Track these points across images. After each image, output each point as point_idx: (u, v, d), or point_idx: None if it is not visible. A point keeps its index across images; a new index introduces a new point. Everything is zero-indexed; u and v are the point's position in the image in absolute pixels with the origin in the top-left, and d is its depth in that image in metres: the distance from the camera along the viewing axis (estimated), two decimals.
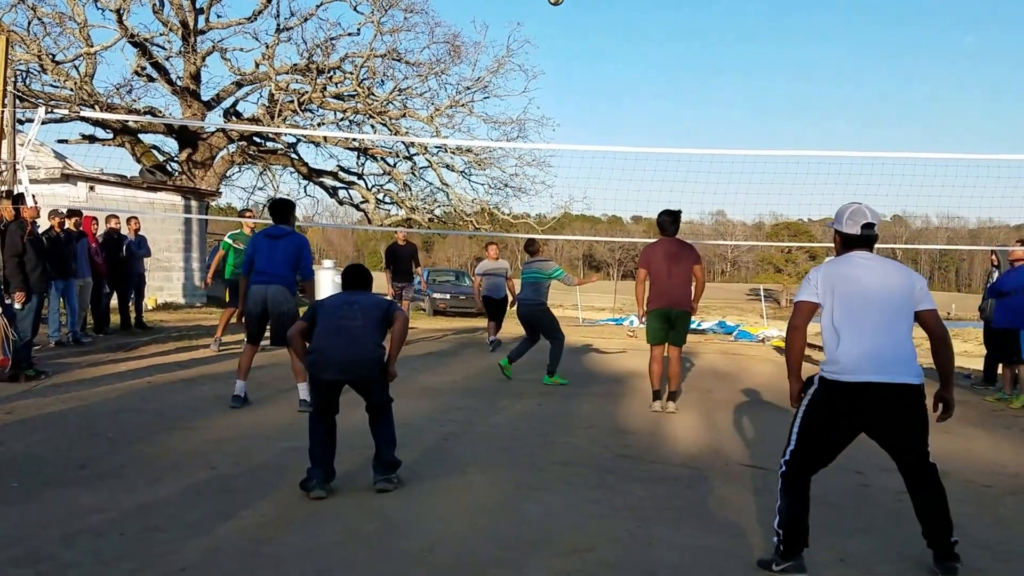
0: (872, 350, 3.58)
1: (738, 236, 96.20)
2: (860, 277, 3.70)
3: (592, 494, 4.86)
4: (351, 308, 4.90)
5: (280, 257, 6.99)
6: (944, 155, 9.83)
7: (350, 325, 4.80)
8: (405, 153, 26.00)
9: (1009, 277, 9.03)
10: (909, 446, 3.69)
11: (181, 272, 19.02)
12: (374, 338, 4.84)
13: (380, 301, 5.07)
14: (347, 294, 5.10)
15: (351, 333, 4.78)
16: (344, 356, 4.72)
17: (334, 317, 4.86)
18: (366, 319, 4.85)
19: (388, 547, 3.84)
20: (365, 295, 5.11)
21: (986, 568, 3.83)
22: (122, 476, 4.84)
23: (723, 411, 7.85)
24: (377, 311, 4.92)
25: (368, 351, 4.79)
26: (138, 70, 22.31)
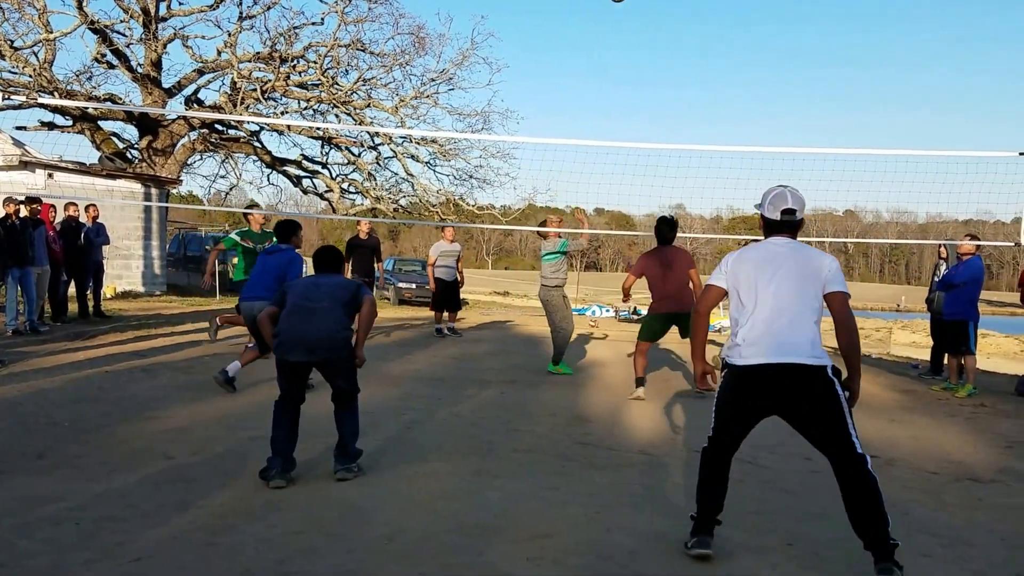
0: (767, 334, 3.57)
1: (697, 229, 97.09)
2: (767, 262, 3.69)
3: (552, 481, 4.92)
4: (318, 290, 4.91)
5: (270, 274, 7.09)
6: (895, 151, 10.05)
7: (316, 307, 4.79)
8: (370, 143, 25.88)
9: (958, 270, 9.24)
10: (824, 433, 3.56)
11: (141, 260, 18.78)
12: (340, 319, 4.83)
13: (348, 283, 5.08)
14: (316, 276, 5.12)
15: (316, 314, 4.77)
16: (308, 335, 4.71)
17: (301, 298, 4.85)
18: (332, 301, 4.84)
19: (349, 535, 3.86)
20: (333, 277, 5.13)
21: (931, 553, 3.94)
22: (79, 466, 4.80)
23: (680, 399, 7.96)
24: (344, 293, 4.93)
25: (333, 331, 4.77)
26: (98, 57, 21.92)
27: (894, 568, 3.38)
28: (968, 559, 3.88)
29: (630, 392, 7.89)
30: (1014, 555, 3.97)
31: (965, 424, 7.29)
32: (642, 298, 30.48)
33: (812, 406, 3.55)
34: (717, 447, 3.78)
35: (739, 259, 3.80)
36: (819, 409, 3.54)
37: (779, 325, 3.57)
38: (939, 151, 10.00)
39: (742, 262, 3.77)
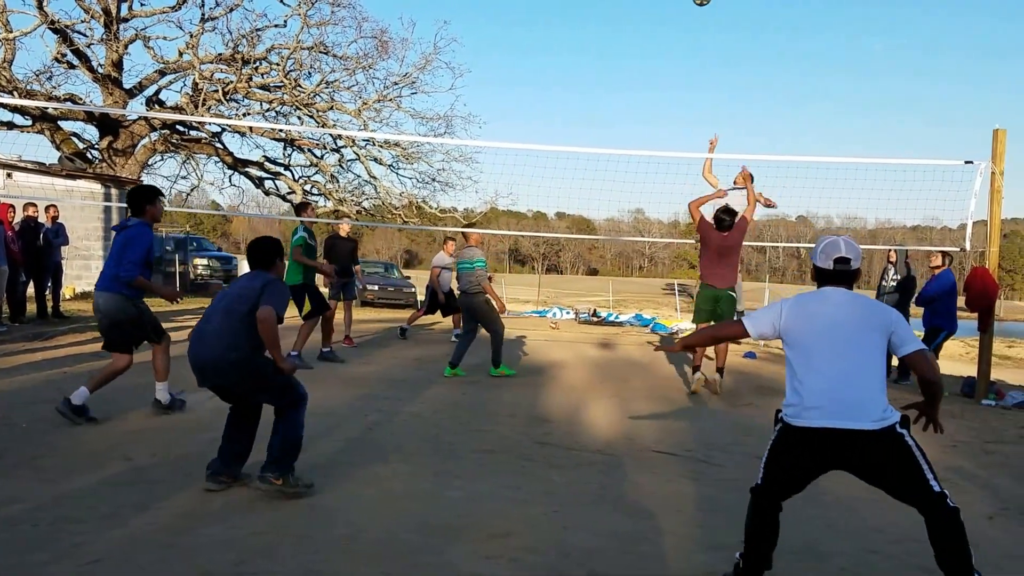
0: (828, 392, 3.31)
1: (655, 233, 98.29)
2: (822, 315, 3.43)
3: (512, 480, 4.99)
4: (220, 300, 4.49)
5: (112, 257, 6.06)
6: (846, 159, 10.29)
7: (205, 326, 4.43)
8: (332, 145, 25.76)
9: (931, 285, 9.60)
10: (901, 485, 3.37)
11: (100, 261, 18.49)
12: (230, 339, 4.32)
13: (250, 293, 4.39)
14: (238, 279, 4.66)
15: (205, 334, 4.40)
16: (199, 357, 4.38)
17: (208, 310, 4.53)
18: (226, 316, 4.38)
19: (310, 536, 3.88)
20: (249, 281, 4.53)
21: (880, 550, 4.08)
22: (36, 467, 4.76)
23: (638, 400, 8.08)
24: (241, 305, 4.37)
25: (218, 355, 4.32)
26: (58, 57, 21.57)
27: None
28: (914, 555, 4.00)
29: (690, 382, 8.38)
30: None
31: (912, 425, 7.47)
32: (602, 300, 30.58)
33: (884, 464, 3.34)
34: (770, 494, 3.47)
35: (795, 311, 3.48)
36: (892, 466, 3.34)
37: (840, 384, 3.31)
38: (889, 159, 10.27)
39: (798, 314, 3.47)
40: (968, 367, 9.86)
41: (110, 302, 6.02)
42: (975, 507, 4.89)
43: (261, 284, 4.42)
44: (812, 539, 4.18)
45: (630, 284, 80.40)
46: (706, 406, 7.80)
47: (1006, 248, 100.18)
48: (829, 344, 3.36)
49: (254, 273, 4.58)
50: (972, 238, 9.57)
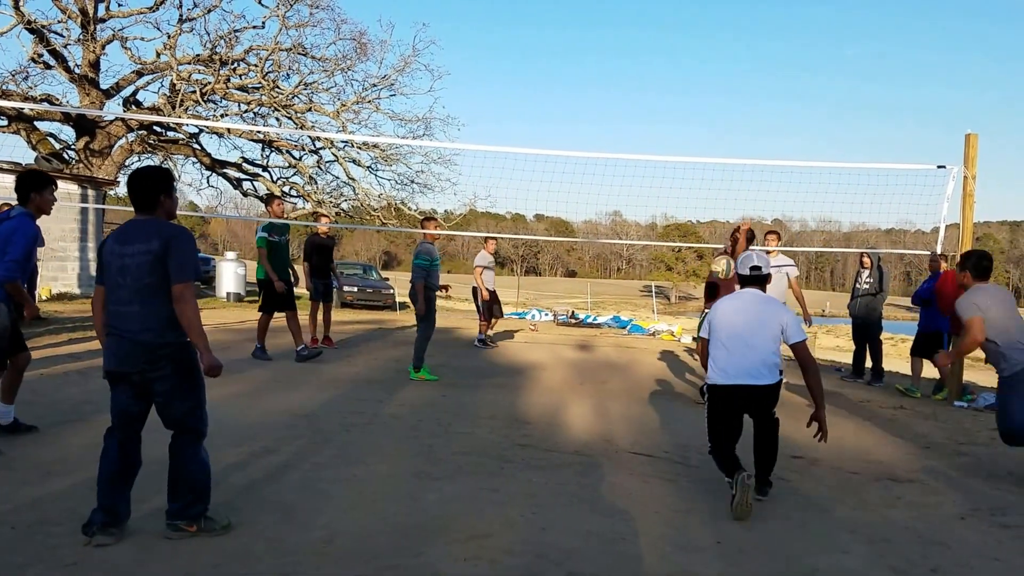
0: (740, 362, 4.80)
1: (633, 235, 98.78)
2: (737, 309, 4.92)
3: (490, 482, 5.01)
4: (121, 260, 3.76)
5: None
6: (822, 164, 10.44)
7: (120, 287, 3.76)
8: (311, 147, 25.67)
9: (928, 287, 9.79)
10: (763, 415, 4.94)
11: (77, 262, 18.35)
12: (149, 308, 3.71)
13: (151, 246, 3.70)
14: (123, 230, 3.86)
15: (119, 300, 3.77)
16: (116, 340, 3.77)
17: (111, 271, 3.79)
18: (134, 276, 3.72)
19: (286, 538, 3.88)
20: (143, 228, 3.78)
21: (851, 550, 4.13)
22: (13, 469, 4.73)
23: (615, 401, 8.13)
24: (146, 258, 3.69)
25: (137, 330, 3.72)
26: (35, 57, 21.36)
27: (767, 488, 4.96)
28: (887, 555, 4.08)
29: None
30: (930, 551, 4.18)
31: (885, 425, 7.59)
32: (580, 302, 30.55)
33: (761, 405, 4.89)
34: (717, 442, 4.87)
35: (715, 309, 5.03)
36: (765, 404, 4.90)
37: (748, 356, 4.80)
38: (863, 164, 10.44)
39: (717, 311, 5.00)
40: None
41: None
42: (947, 508, 4.98)
43: (163, 241, 3.71)
44: (784, 540, 4.23)
45: (608, 286, 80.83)
46: (682, 408, 7.85)
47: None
48: (736, 329, 4.83)
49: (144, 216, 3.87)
50: (944, 242, 9.70)
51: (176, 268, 3.67)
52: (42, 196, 5.50)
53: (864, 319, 10.56)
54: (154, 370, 3.71)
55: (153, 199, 3.83)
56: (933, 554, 4.14)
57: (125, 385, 3.77)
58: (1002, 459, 6.29)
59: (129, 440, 3.87)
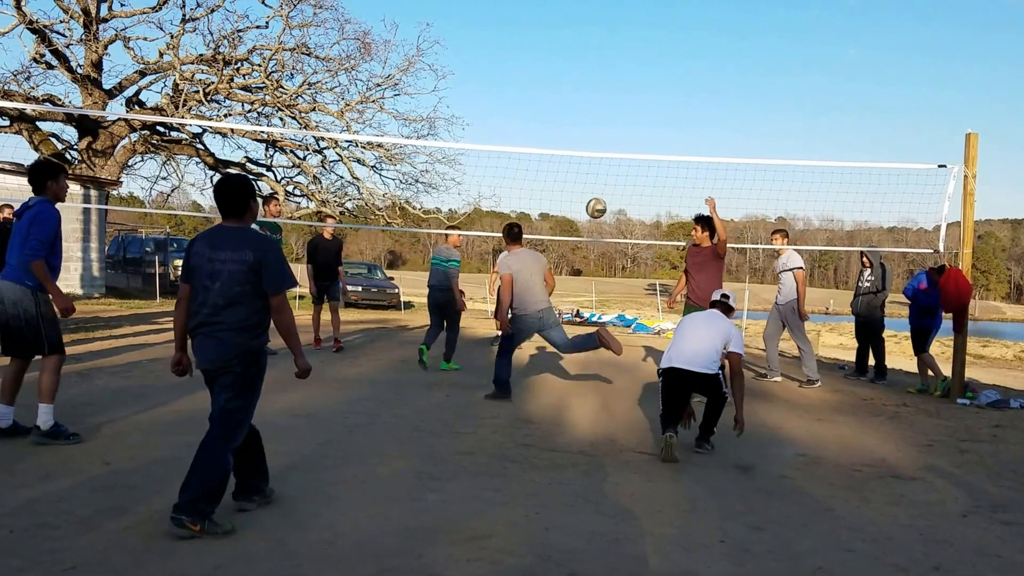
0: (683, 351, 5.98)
1: (637, 234, 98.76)
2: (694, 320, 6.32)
3: (493, 482, 4.99)
4: (212, 263, 3.99)
5: (16, 241, 5.37)
6: (824, 163, 10.42)
7: (208, 290, 3.98)
8: (315, 146, 25.68)
9: (913, 286, 9.85)
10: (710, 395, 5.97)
11: (79, 263, 18.39)
12: (235, 313, 3.97)
13: (244, 256, 3.97)
14: (214, 234, 4.09)
15: (206, 302, 3.99)
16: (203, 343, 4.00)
17: (200, 274, 4.02)
18: (225, 283, 3.96)
19: (287, 540, 3.86)
20: (235, 237, 4.03)
21: (854, 548, 4.11)
22: (12, 471, 4.71)
23: (619, 401, 8.12)
24: (239, 267, 3.94)
25: (224, 332, 3.97)
26: (37, 57, 21.39)
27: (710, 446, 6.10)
28: (889, 553, 4.06)
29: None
30: (933, 549, 4.16)
31: (888, 423, 7.57)
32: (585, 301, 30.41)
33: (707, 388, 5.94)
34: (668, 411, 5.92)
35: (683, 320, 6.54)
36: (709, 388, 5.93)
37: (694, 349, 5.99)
38: (865, 163, 10.42)
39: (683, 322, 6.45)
40: (943, 367, 9.98)
41: (15, 291, 5.33)
42: (950, 505, 4.96)
43: (255, 253, 3.98)
44: (788, 538, 4.21)
45: (613, 284, 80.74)
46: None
47: (980, 249, 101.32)
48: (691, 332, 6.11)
49: (231, 223, 4.12)
50: (946, 240, 9.70)
51: (272, 282, 3.98)
52: (57, 183, 5.55)
53: (866, 317, 10.56)
54: (227, 365, 3.96)
55: (242, 206, 4.09)
56: (936, 552, 4.13)
57: (210, 380, 4.08)
58: (1004, 456, 6.28)
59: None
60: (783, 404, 8.36)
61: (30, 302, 5.33)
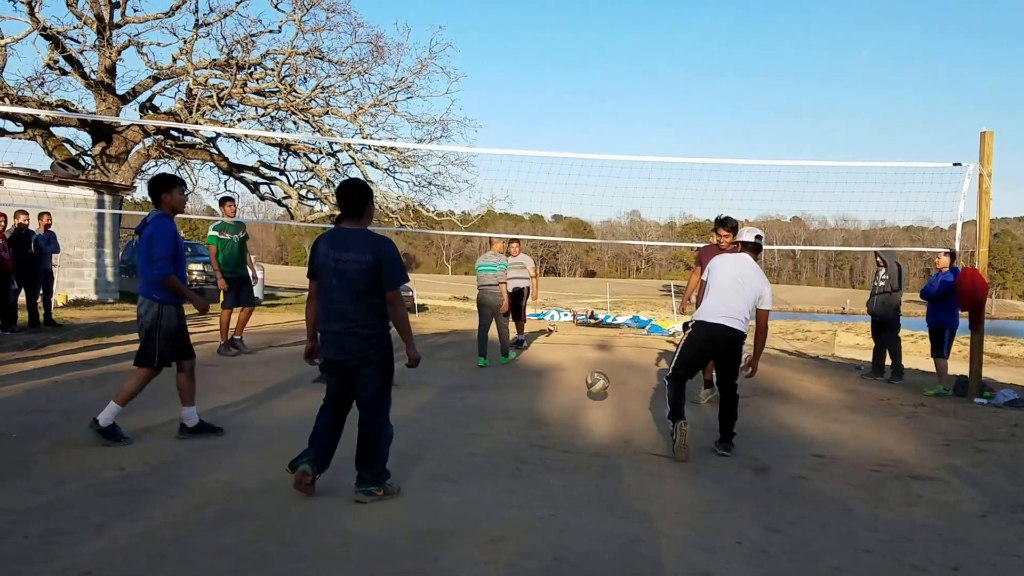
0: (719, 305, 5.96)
1: (652, 235, 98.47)
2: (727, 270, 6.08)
3: (508, 484, 4.98)
4: (337, 263, 4.43)
5: (141, 256, 5.71)
6: (840, 163, 10.43)
7: (334, 288, 4.42)
8: (329, 150, 25.77)
9: (940, 284, 9.76)
10: (729, 367, 6.02)
11: (93, 268, 18.47)
12: (360, 307, 4.41)
13: (365, 257, 4.41)
14: (336, 234, 4.55)
15: (333, 299, 4.43)
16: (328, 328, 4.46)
17: (326, 273, 4.47)
18: (349, 281, 4.40)
19: (302, 543, 3.86)
20: (357, 239, 4.47)
21: (872, 549, 4.08)
22: (27, 477, 4.72)
23: (635, 402, 8.08)
24: (361, 267, 4.39)
25: (353, 324, 4.42)
26: (51, 63, 21.55)
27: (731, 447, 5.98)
28: (907, 554, 4.03)
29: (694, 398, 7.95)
30: (951, 549, 4.12)
31: (906, 423, 7.51)
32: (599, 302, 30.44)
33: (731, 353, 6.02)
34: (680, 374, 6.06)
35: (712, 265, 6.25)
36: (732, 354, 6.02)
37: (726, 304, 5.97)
38: (881, 162, 10.38)
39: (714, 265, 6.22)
40: (960, 366, 9.90)
41: (143, 305, 5.68)
42: (968, 505, 4.91)
43: (375, 255, 4.41)
44: (805, 539, 4.18)
45: (627, 286, 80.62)
46: (702, 409, 7.79)
47: (996, 248, 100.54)
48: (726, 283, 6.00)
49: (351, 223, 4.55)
50: (962, 238, 9.63)
51: (389, 279, 4.41)
52: (171, 195, 5.76)
53: (882, 317, 10.49)
54: (366, 356, 4.42)
55: (361, 207, 4.53)
56: (954, 552, 4.09)
57: (339, 373, 4.51)
58: (1022, 456, 6.21)
59: (338, 414, 4.65)
60: (800, 404, 8.31)
61: (152, 315, 5.59)
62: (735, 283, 5.96)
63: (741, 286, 5.94)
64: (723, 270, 6.07)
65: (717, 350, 6.01)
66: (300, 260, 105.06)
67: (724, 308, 5.90)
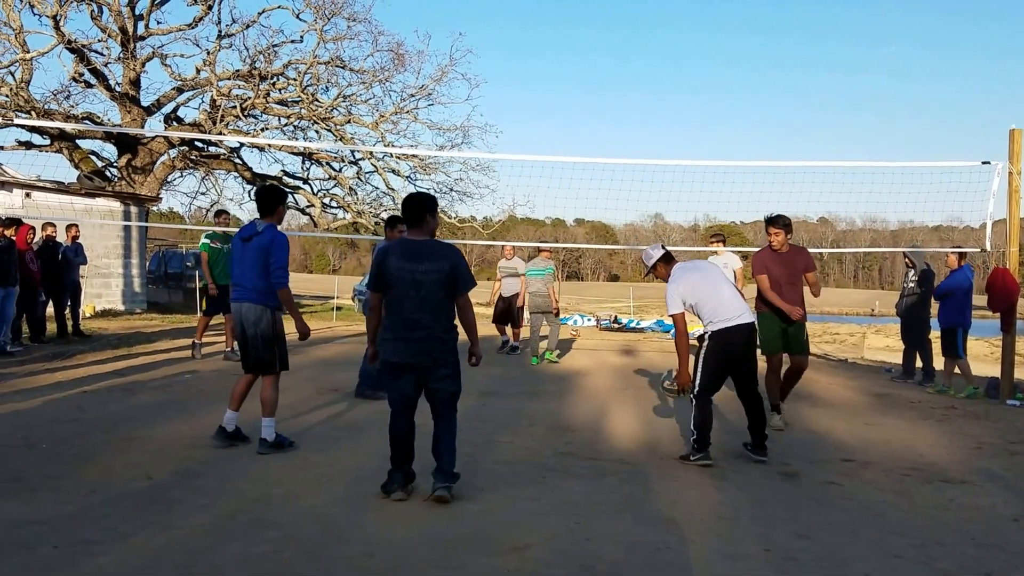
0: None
1: (675, 237, 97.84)
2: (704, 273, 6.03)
3: (532, 491, 4.95)
4: (413, 274, 4.63)
5: (249, 263, 5.71)
6: (867, 163, 10.37)
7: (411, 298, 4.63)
8: (351, 158, 25.93)
9: (945, 282, 9.63)
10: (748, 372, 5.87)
11: (120, 279, 18.70)
12: (437, 313, 4.67)
13: (442, 266, 4.65)
14: (406, 243, 4.80)
15: (410, 308, 4.63)
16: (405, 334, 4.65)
17: (401, 284, 4.65)
18: (428, 290, 4.63)
19: (327, 553, 3.86)
20: (430, 249, 4.73)
21: (903, 554, 4.01)
22: (56, 488, 4.77)
23: (660, 407, 8.03)
24: (438, 276, 4.65)
25: (432, 330, 4.65)
26: (76, 76, 21.89)
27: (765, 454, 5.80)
28: (939, 559, 3.96)
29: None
30: (984, 554, 4.05)
31: (937, 426, 7.40)
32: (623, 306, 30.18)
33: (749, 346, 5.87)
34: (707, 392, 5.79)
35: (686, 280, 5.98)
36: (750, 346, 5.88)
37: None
38: (909, 162, 10.27)
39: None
40: (992, 367, 9.75)
41: (256, 312, 5.68)
42: (1000, 509, 4.83)
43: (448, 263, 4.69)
44: (835, 545, 4.11)
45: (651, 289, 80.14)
46: (728, 414, 7.72)
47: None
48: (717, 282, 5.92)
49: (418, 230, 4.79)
50: (993, 237, 9.51)
51: (462, 285, 4.70)
52: (285, 207, 6.13)
53: (911, 319, 10.36)
54: (444, 358, 4.67)
55: (420, 218, 4.75)
56: (986, 557, 4.02)
57: (410, 375, 4.69)
58: None
59: (411, 420, 4.80)
60: (828, 408, 8.21)
61: (268, 322, 5.69)
62: (722, 280, 5.97)
63: (724, 281, 5.98)
64: (704, 276, 5.97)
65: (739, 355, 5.79)
66: (324, 268, 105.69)
67: (737, 307, 5.81)
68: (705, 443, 5.65)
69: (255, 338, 5.69)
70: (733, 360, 5.78)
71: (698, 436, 5.64)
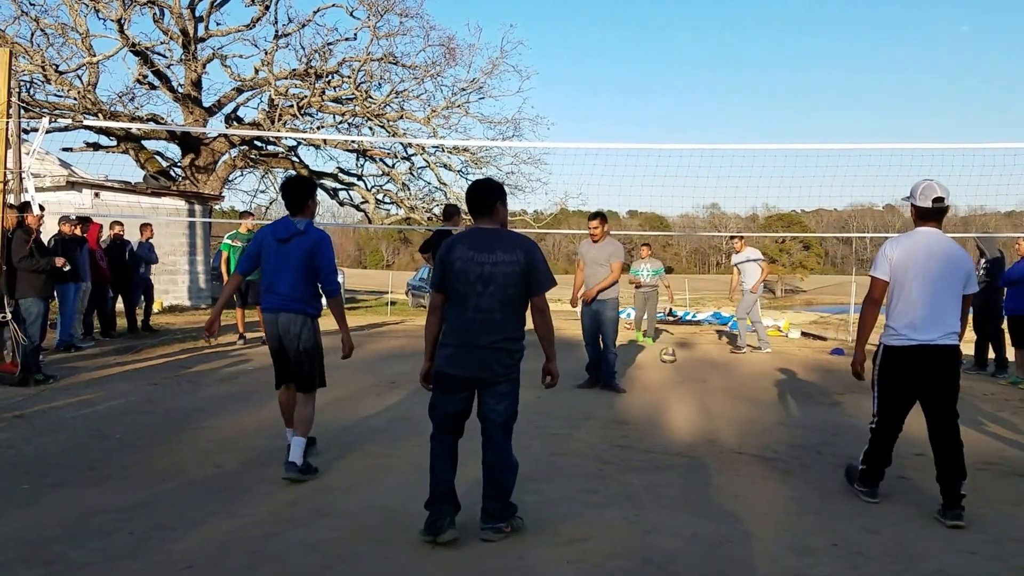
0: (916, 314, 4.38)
1: (732, 228, 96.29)
2: (927, 255, 4.40)
3: (589, 484, 4.94)
4: (482, 267, 3.89)
5: (290, 267, 4.92)
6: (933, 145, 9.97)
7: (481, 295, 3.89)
8: (403, 154, 26.17)
9: (1017, 268, 9.29)
10: (938, 394, 4.48)
11: (186, 275, 19.17)
12: (509, 315, 3.93)
13: (517, 257, 3.90)
14: (476, 235, 4.02)
15: (478, 307, 3.90)
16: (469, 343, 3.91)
17: (469, 279, 3.91)
18: (500, 285, 3.89)
19: (392, 540, 3.91)
20: (502, 239, 3.96)
21: (979, 551, 3.90)
22: (129, 477, 4.92)
23: (718, 400, 7.93)
24: (513, 268, 3.88)
25: (502, 336, 3.91)
26: (140, 78, 22.47)
27: (963, 514, 4.27)
28: (1014, 555, 3.84)
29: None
30: None
31: (1012, 419, 7.17)
32: (678, 299, 29.91)
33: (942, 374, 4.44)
34: (883, 425, 4.62)
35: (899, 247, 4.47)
36: (944, 377, 4.44)
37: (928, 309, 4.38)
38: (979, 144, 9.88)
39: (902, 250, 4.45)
40: None
41: (298, 322, 4.96)
42: None
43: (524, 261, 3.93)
44: (906, 539, 4.02)
45: (707, 281, 79.14)
46: (791, 406, 7.60)
47: None
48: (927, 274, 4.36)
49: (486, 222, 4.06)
50: None
51: (538, 282, 3.94)
52: (315, 201, 5.28)
53: (983, 309, 10.02)
54: (508, 373, 3.94)
55: (490, 205, 4.04)
56: None
57: (465, 390, 3.97)
58: None
59: (455, 447, 4.08)
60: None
61: (310, 331, 5.02)
62: (940, 276, 4.38)
63: (945, 277, 4.39)
64: (924, 258, 4.39)
65: (924, 380, 4.46)
66: (378, 263, 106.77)
67: (931, 316, 4.38)
68: (876, 478, 4.74)
69: (300, 353, 4.97)
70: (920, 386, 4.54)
71: (868, 473, 4.75)
